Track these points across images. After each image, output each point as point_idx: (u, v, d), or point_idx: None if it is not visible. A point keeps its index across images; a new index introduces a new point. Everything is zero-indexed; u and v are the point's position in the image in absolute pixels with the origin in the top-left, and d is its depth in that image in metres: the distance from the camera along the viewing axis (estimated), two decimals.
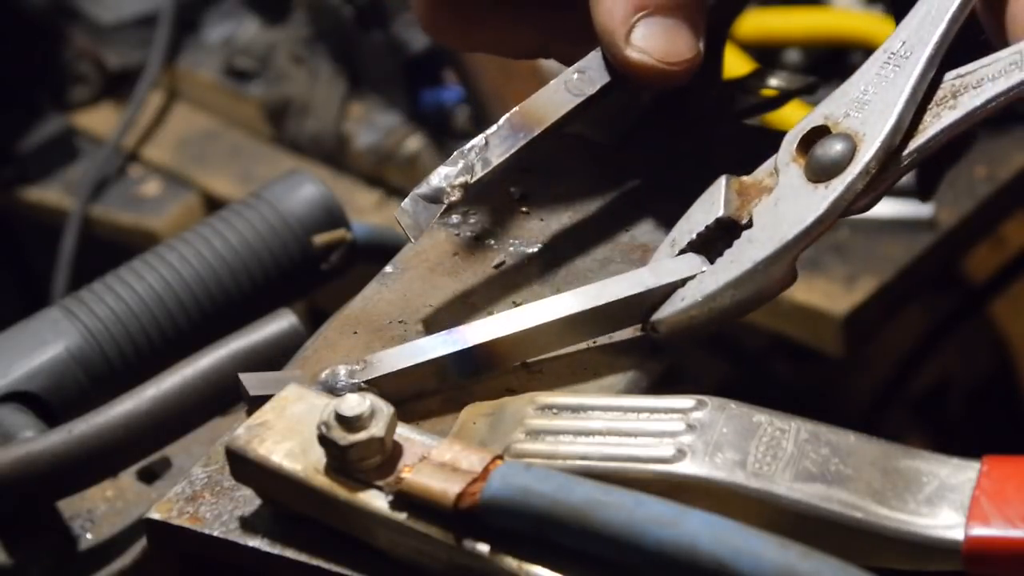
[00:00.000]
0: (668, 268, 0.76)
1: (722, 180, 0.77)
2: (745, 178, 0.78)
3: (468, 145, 0.79)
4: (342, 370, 0.74)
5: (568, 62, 0.83)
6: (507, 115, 0.80)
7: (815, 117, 0.76)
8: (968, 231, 1.68)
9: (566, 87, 0.81)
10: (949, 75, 0.75)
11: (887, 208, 1.67)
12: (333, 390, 0.74)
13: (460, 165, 0.79)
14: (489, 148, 0.79)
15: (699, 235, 0.77)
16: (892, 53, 0.76)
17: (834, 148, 0.74)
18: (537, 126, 0.80)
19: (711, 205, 0.77)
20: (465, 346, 0.75)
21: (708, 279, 0.76)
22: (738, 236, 0.76)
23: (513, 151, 0.79)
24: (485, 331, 0.75)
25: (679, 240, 0.77)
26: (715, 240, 0.76)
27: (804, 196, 0.75)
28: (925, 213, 1.63)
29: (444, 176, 0.78)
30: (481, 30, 0.87)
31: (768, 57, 1.76)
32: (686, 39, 0.80)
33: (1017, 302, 2.04)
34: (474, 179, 0.78)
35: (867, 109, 0.75)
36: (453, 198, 0.78)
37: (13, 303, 2.09)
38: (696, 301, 0.75)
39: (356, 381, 0.74)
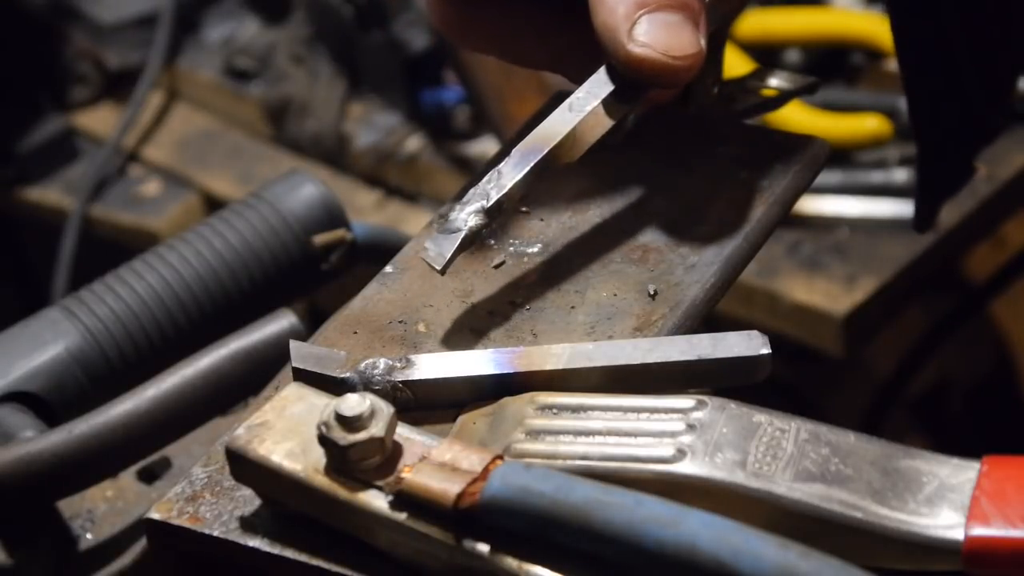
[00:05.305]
0: (729, 342, 0.74)
1: None
2: None
3: (482, 180, 0.79)
4: (382, 363, 0.74)
5: (579, 82, 0.82)
6: (517, 146, 0.80)
7: None
8: (968, 231, 1.68)
9: (570, 108, 0.81)
10: None
11: (887, 208, 1.67)
12: (369, 382, 0.74)
13: (475, 197, 0.79)
14: (503, 175, 0.79)
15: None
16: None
17: None
18: (544, 147, 0.80)
19: None
20: (510, 371, 0.74)
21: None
22: None
23: (524, 173, 0.79)
24: (531, 360, 0.74)
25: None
26: None
27: None
28: None
29: (460, 208, 0.78)
30: (488, 32, 0.86)
31: (768, 57, 1.76)
32: (689, 34, 0.80)
33: (1017, 302, 2.04)
34: (490, 203, 0.78)
35: None
36: (471, 224, 0.78)
37: (13, 303, 2.09)
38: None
39: (393, 380, 0.74)
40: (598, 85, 0.81)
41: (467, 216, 0.78)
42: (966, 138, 1.04)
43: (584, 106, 0.81)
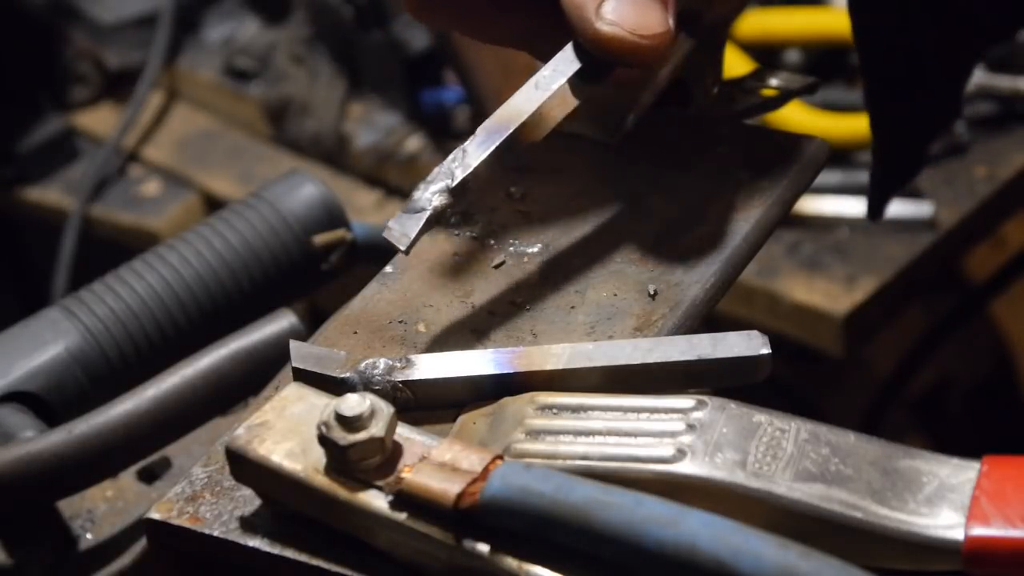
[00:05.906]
0: (729, 342, 0.74)
1: None
2: None
3: (447, 159, 0.79)
4: (382, 363, 0.74)
5: (546, 60, 0.82)
6: (481, 125, 0.80)
7: None
8: (968, 231, 1.68)
9: (536, 85, 0.81)
10: None
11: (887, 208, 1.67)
12: (369, 382, 0.74)
13: (440, 176, 0.78)
14: (467, 155, 0.79)
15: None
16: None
17: None
18: (510, 126, 0.80)
19: None
20: (510, 371, 0.74)
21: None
22: None
23: (490, 151, 0.79)
24: (531, 360, 0.74)
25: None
26: None
27: None
28: (925, 213, 1.63)
29: (424, 188, 0.78)
30: (454, 8, 0.85)
31: (768, 57, 1.76)
32: (658, 13, 0.79)
33: (1017, 302, 2.04)
34: (455, 182, 0.78)
35: None
36: (436, 203, 0.78)
37: (13, 303, 2.09)
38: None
39: (393, 380, 0.74)
40: (565, 63, 0.81)
41: (431, 196, 0.78)
42: (924, 127, 1.04)
43: (550, 84, 0.80)
